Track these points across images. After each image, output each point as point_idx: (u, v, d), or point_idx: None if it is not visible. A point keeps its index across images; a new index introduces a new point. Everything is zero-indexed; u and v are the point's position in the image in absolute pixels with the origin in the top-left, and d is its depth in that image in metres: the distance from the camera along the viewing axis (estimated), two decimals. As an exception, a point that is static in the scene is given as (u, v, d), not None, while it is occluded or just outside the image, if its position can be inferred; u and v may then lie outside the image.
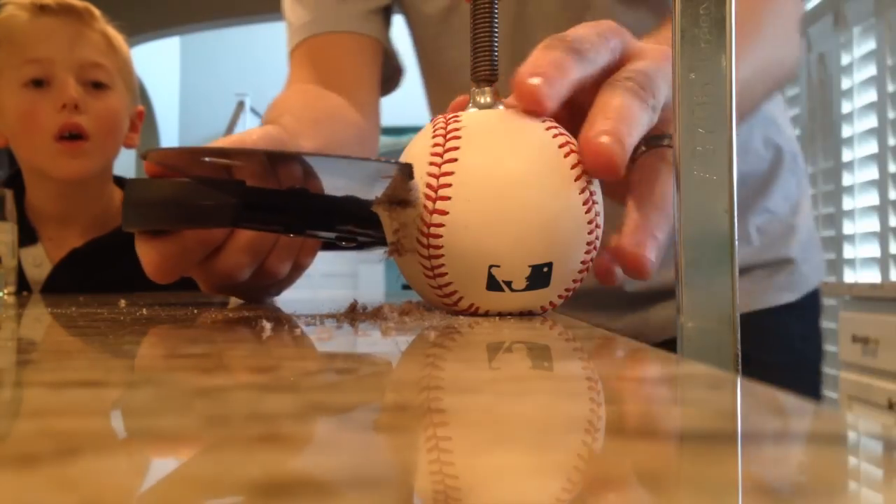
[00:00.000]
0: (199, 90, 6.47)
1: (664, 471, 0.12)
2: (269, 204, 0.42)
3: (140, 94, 1.09)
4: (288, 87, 0.77)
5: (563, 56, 0.40)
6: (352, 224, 0.45)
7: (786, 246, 0.81)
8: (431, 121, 0.41)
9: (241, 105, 6.37)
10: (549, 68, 0.39)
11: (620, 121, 0.39)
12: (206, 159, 0.44)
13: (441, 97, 0.82)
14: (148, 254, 0.46)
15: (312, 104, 0.70)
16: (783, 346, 0.82)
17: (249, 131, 0.53)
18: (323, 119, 0.66)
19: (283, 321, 0.40)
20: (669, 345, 0.32)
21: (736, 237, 0.35)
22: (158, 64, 5.54)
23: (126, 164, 5.06)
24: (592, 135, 0.38)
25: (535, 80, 0.39)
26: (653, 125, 0.42)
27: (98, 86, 1.04)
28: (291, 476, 0.12)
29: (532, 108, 0.39)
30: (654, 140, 0.43)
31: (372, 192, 0.39)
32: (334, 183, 0.42)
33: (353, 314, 0.43)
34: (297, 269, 0.55)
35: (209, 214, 0.41)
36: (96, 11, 1.08)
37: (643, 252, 0.40)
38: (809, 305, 0.85)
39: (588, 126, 0.39)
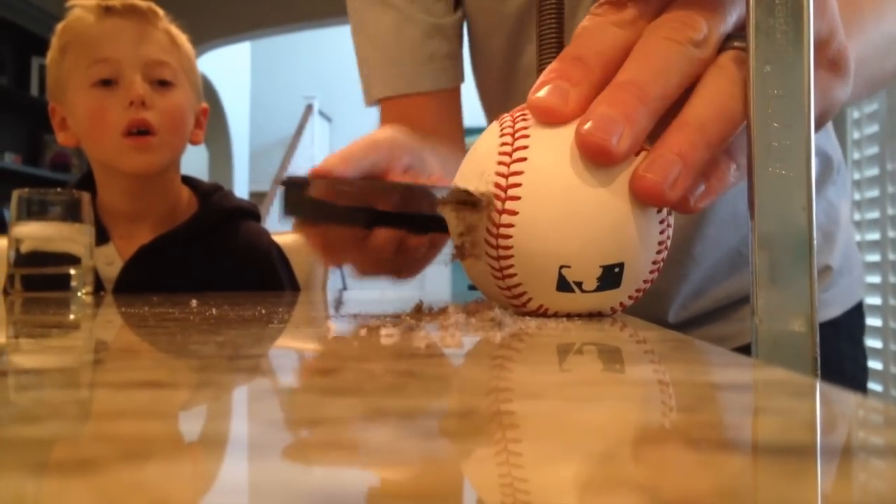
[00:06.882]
0: (268, 93, 6.58)
1: (744, 488, 0.12)
2: (396, 215, 0.50)
3: (212, 98, 1.11)
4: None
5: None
6: None
7: (823, 254, 0.78)
8: (498, 119, 0.40)
9: (309, 108, 6.46)
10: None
11: (630, 91, 0.35)
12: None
13: (514, 96, 0.80)
14: (314, 241, 0.54)
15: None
16: (830, 369, 0.77)
17: (377, 131, 0.59)
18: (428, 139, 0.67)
19: (348, 322, 0.40)
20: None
21: (815, 236, 0.33)
22: (230, 68, 5.65)
23: (198, 164, 5.17)
24: (582, 120, 0.36)
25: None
26: (700, 60, 0.36)
27: (163, 83, 1.07)
28: (352, 487, 0.11)
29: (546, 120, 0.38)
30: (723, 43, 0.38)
31: None
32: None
33: (419, 314, 0.42)
34: (434, 247, 0.60)
35: (351, 217, 0.49)
36: (160, 11, 1.10)
37: (658, 179, 0.35)
38: (853, 323, 0.82)
39: (592, 105, 0.36)
